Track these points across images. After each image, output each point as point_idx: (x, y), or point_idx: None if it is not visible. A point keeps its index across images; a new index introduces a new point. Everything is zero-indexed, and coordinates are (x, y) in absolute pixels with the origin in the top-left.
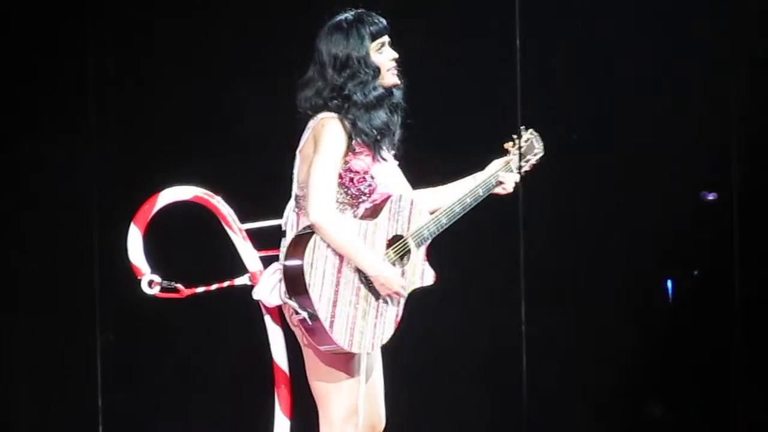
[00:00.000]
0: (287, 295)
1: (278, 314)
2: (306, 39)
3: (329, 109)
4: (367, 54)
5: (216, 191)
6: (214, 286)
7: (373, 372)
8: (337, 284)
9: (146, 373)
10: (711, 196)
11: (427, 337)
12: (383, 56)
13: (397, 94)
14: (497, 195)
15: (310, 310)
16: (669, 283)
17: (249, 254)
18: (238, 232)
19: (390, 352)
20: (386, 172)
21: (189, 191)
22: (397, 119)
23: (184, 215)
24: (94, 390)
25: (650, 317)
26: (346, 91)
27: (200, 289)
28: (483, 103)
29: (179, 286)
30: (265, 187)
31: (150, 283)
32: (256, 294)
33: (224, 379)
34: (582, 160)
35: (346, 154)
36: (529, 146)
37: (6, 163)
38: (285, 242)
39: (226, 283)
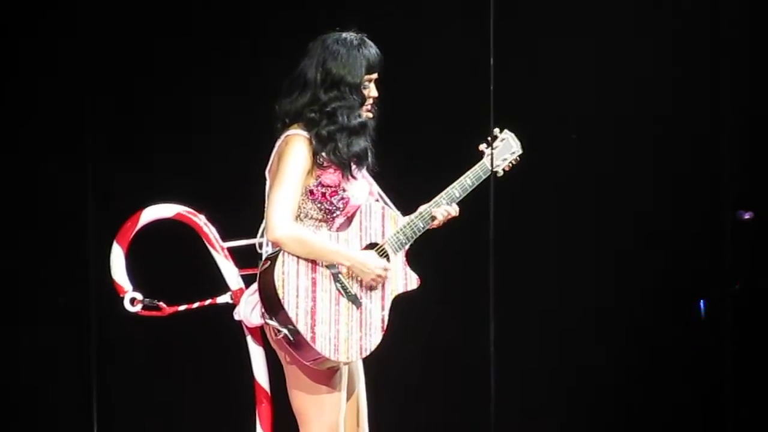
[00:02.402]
0: (266, 316)
1: (259, 334)
2: (293, 58)
3: (301, 121)
4: (360, 82)
5: (199, 209)
6: (196, 304)
7: (356, 388)
8: (314, 296)
9: (128, 392)
10: (747, 215)
11: (407, 350)
12: (367, 91)
13: (371, 124)
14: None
15: (290, 326)
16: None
17: (231, 273)
18: (220, 250)
19: (374, 365)
20: (358, 186)
21: (172, 209)
22: (371, 147)
23: (167, 233)
24: (89, 405)
25: (621, 335)
26: (329, 109)
27: (182, 307)
28: (456, 109)
29: (161, 304)
30: (248, 206)
31: (132, 300)
32: (237, 314)
33: (206, 397)
34: (553, 164)
35: (312, 170)
36: (504, 146)
37: None
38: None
39: (207, 301)
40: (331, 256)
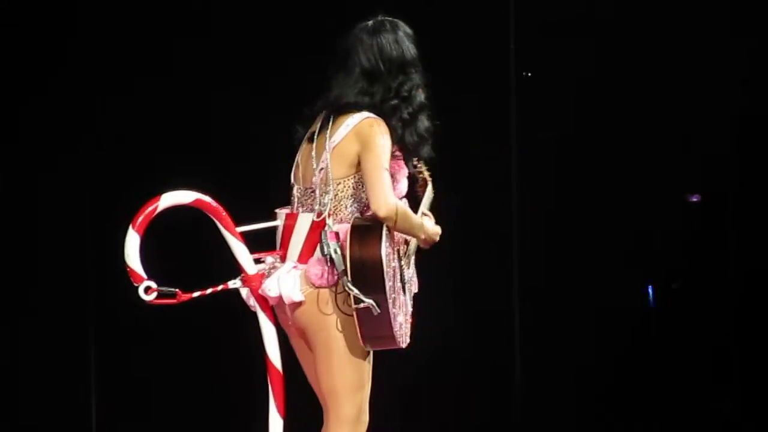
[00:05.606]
0: (350, 283)
1: (272, 313)
2: (302, 43)
3: (381, 110)
4: (416, 55)
5: (211, 193)
6: (209, 290)
7: None
8: (393, 277)
9: (139, 374)
10: (695, 198)
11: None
12: None
13: None
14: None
15: (378, 299)
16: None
17: (245, 257)
18: (238, 236)
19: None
20: (405, 179)
21: (190, 195)
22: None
23: (170, 219)
24: (88, 390)
25: (646, 322)
26: (404, 93)
27: (196, 294)
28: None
29: (178, 291)
30: (261, 189)
31: (147, 289)
32: (270, 290)
33: (218, 378)
34: (572, 161)
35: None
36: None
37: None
38: (328, 229)
39: (220, 287)
40: (420, 230)
